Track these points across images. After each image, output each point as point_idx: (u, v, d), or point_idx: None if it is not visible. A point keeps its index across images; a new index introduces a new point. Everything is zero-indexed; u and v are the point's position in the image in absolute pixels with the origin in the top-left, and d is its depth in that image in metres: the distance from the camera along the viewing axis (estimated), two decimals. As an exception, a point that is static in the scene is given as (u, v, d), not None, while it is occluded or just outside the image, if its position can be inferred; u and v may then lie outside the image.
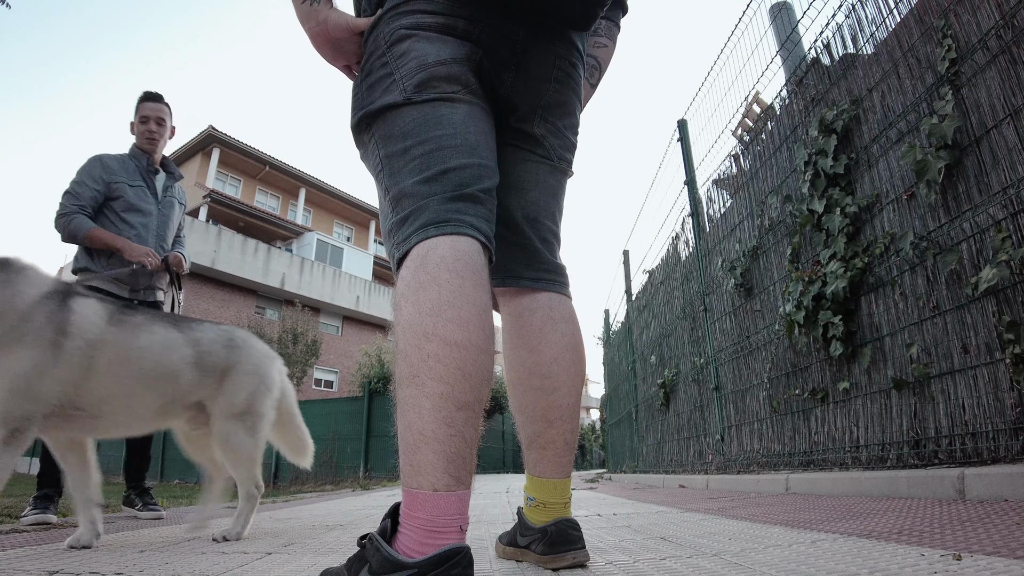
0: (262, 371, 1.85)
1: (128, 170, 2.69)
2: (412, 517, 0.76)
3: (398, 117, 0.94)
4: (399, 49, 0.95)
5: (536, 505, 1.09)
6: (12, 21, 65.69)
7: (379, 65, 0.97)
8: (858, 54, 2.75)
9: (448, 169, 0.90)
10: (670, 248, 5.65)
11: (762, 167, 3.60)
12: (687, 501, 2.69)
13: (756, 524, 1.55)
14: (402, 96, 0.93)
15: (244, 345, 1.85)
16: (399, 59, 0.94)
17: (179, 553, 1.44)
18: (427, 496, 0.76)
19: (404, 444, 0.79)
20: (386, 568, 0.74)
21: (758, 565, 0.95)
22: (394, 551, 0.75)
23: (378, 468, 10.03)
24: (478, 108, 0.97)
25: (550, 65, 1.05)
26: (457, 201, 0.89)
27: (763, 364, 3.50)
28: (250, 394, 1.78)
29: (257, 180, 22.57)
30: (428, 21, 0.94)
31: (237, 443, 1.73)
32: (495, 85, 1.01)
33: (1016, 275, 1.82)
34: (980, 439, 1.95)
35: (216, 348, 1.77)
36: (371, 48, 0.99)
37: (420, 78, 0.93)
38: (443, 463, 0.76)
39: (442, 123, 0.92)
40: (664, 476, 5.10)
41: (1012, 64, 1.89)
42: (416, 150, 0.91)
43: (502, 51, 0.99)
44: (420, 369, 0.78)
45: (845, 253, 2.67)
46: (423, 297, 0.80)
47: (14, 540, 1.78)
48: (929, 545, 1.01)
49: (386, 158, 0.94)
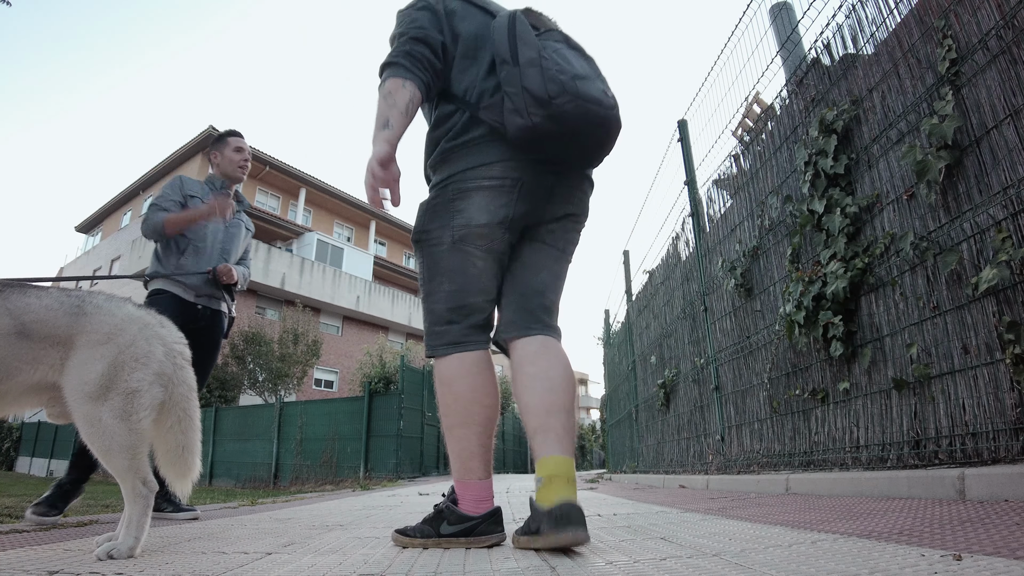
0: (124, 339, 1.44)
1: (204, 193, 2.87)
2: (466, 495, 1.39)
3: (442, 253, 1.43)
4: (459, 205, 1.41)
5: (544, 484, 1.26)
6: (12, 19, 65.72)
7: (443, 204, 1.43)
8: (858, 54, 2.75)
9: (466, 304, 1.44)
10: (670, 248, 5.65)
11: (762, 167, 3.60)
12: (687, 501, 2.69)
13: (756, 524, 1.55)
14: (450, 239, 1.42)
15: (97, 310, 1.47)
16: (456, 213, 1.41)
17: (179, 553, 1.44)
18: (475, 482, 1.40)
19: (461, 456, 1.40)
20: (461, 520, 1.37)
21: (758, 565, 0.95)
22: (461, 511, 1.38)
23: (378, 468, 10.02)
24: (493, 258, 1.45)
25: (570, 193, 1.52)
26: (474, 329, 1.45)
27: (763, 364, 3.50)
28: (109, 366, 1.40)
29: (257, 180, 22.57)
30: (486, 184, 1.40)
31: (102, 430, 1.37)
32: (527, 214, 1.45)
33: (1016, 275, 1.81)
34: (980, 439, 1.95)
35: (52, 315, 1.42)
36: (440, 191, 1.44)
37: (462, 234, 1.41)
38: (482, 465, 1.42)
39: (467, 271, 1.43)
40: (664, 476, 5.10)
41: (1012, 64, 1.89)
42: (447, 287, 1.44)
43: (537, 192, 1.44)
44: (469, 419, 1.41)
45: (845, 253, 2.67)
46: (468, 383, 1.41)
47: (14, 540, 1.78)
48: (929, 545, 1.01)
49: (427, 280, 1.47)
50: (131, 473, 1.40)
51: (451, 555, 1.27)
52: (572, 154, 1.43)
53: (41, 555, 1.42)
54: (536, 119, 1.30)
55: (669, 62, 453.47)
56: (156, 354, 1.49)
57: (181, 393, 1.53)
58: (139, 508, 1.40)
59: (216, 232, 2.82)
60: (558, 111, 1.30)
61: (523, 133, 1.32)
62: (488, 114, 1.39)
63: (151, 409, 1.44)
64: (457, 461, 1.42)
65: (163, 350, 1.51)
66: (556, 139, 1.35)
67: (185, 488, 1.56)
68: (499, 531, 1.39)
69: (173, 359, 1.53)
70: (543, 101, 1.29)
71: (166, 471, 1.54)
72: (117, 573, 1.15)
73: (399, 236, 27.85)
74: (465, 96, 1.44)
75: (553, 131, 1.32)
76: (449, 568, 1.10)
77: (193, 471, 1.56)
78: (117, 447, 1.38)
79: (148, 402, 1.43)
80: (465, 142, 1.42)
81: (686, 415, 5.07)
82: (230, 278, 2.75)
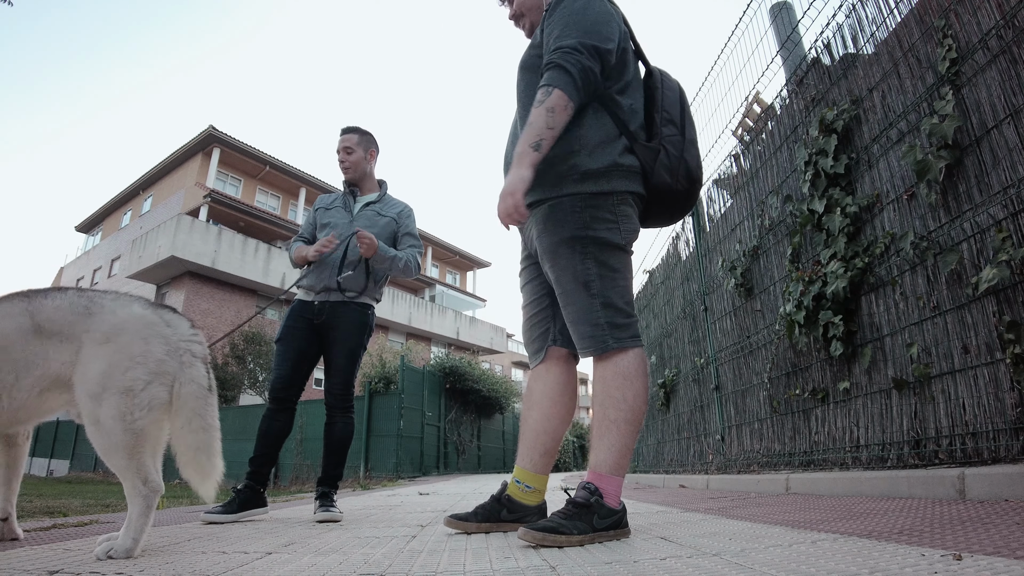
0: (123, 338, 1.45)
1: (332, 198, 2.90)
2: (611, 489, 1.43)
3: (614, 255, 1.51)
4: (623, 211, 1.52)
5: (533, 491, 1.65)
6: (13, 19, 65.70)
7: (606, 211, 1.49)
8: (858, 54, 2.75)
9: (630, 301, 1.54)
10: (670, 248, 5.65)
11: (762, 167, 3.59)
12: (687, 501, 2.69)
13: (756, 524, 1.55)
14: (623, 241, 1.52)
15: (101, 310, 1.49)
16: (623, 219, 1.52)
17: (179, 553, 1.44)
18: (621, 479, 1.46)
19: (621, 451, 1.45)
20: (609, 514, 1.40)
21: (759, 565, 0.95)
22: (608, 504, 1.41)
23: (378, 468, 10.01)
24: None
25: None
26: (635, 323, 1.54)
27: (763, 364, 3.50)
28: (107, 365, 1.41)
29: (257, 180, 22.57)
30: (631, 208, 1.54)
31: (100, 429, 1.39)
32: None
33: (1016, 275, 1.81)
34: (980, 439, 1.95)
35: (62, 314, 1.46)
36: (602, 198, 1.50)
37: (632, 238, 1.54)
38: (628, 463, 1.50)
39: (628, 270, 1.55)
40: (664, 476, 5.10)
41: (1012, 64, 1.89)
42: (621, 282, 1.52)
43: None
44: (637, 416, 1.48)
45: (845, 253, 2.67)
46: (644, 381, 1.50)
47: (14, 540, 1.77)
48: (929, 545, 1.01)
49: (600, 276, 1.49)
50: (130, 472, 1.39)
51: (451, 554, 1.27)
52: (665, 216, 1.67)
53: (41, 555, 1.42)
54: (679, 187, 1.56)
55: (669, 62, 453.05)
56: (154, 353, 1.46)
57: (190, 392, 1.48)
58: (138, 507, 1.39)
59: (339, 230, 2.67)
60: (694, 190, 1.61)
61: (664, 188, 1.55)
62: (643, 152, 1.53)
63: (149, 408, 1.42)
64: (613, 455, 1.44)
65: (164, 348, 1.48)
66: (673, 202, 1.59)
67: (207, 491, 1.52)
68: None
69: (179, 357, 1.50)
70: (693, 179, 1.59)
71: (186, 473, 1.52)
72: (117, 573, 1.15)
73: (399, 236, 27.81)
74: (626, 121, 1.54)
75: (680, 199, 1.59)
76: (449, 567, 1.10)
77: (213, 473, 1.53)
78: (114, 446, 1.38)
79: (145, 401, 1.41)
80: (629, 168, 1.52)
81: (686, 415, 5.07)
82: (364, 244, 2.51)
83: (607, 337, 1.48)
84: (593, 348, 1.50)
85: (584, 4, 1.50)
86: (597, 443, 1.47)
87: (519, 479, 1.66)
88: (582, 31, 1.45)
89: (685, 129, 1.59)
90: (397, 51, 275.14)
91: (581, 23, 1.46)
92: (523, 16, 1.76)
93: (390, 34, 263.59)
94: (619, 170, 1.50)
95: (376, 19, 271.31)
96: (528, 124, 1.41)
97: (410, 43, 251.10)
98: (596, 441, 1.47)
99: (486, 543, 1.43)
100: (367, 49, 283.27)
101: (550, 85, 1.41)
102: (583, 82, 1.43)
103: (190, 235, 17.69)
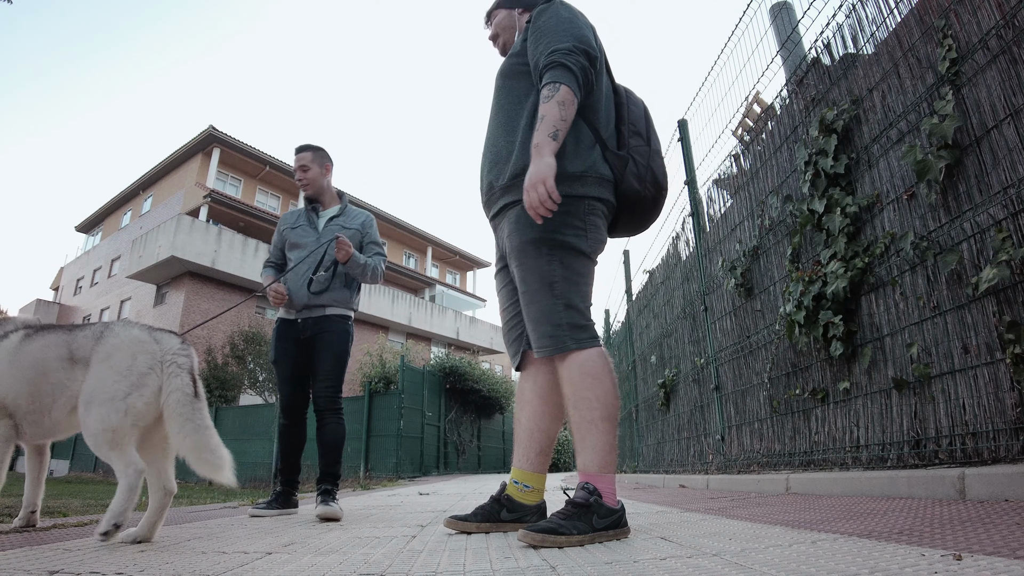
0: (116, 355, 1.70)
1: (295, 216, 3.03)
2: (606, 488, 1.45)
3: (579, 260, 1.57)
4: (592, 221, 1.58)
5: (532, 491, 1.68)
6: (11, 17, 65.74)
7: (576, 217, 1.55)
8: (858, 54, 2.75)
9: (590, 305, 1.59)
10: (670, 248, 5.65)
11: (762, 167, 3.59)
12: (687, 501, 2.69)
13: (756, 524, 1.55)
14: (588, 249, 1.58)
15: (110, 334, 1.76)
16: (591, 228, 1.58)
17: (179, 552, 1.44)
18: (612, 476, 1.48)
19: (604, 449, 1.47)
20: (609, 514, 1.42)
21: (759, 565, 0.95)
22: (606, 504, 1.43)
23: (378, 468, 10.02)
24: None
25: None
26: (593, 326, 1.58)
27: (763, 364, 3.50)
28: (98, 380, 1.67)
29: (257, 180, 22.58)
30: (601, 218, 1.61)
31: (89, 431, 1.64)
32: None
33: (1016, 275, 1.81)
34: (980, 439, 1.95)
35: (85, 341, 1.75)
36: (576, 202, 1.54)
37: (598, 248, 1.62)
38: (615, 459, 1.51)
39: (591, 277, 1.61)
40: (664, 476, 5.10)
41: (1012, 64, 1.88)
42: (584, 287, 1.58)
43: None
44: (612, 413, 1.51)
45: (845, 253, 2.67)
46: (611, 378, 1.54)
47: (14, 540, 1.78)
48: (929, 545, 1.01)
49: (564, 278, 1.55)
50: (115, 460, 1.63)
51: (451, 554, 1.27)
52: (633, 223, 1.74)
53: (41, 555, 1.42)
54: (647, 193, 1.66)
55: (669, 62, 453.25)
56: (137, 367, 1.69)
57: (175, 399, 1.68)
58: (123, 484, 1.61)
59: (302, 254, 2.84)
60: (660, 196, 1.71)
61: (632, 194, 1.64)
62: (614, 160, 1.62)
63: (126, 413, 1.64)
64: (598, 455, 1.47)
65: (149, 362, 1.71)
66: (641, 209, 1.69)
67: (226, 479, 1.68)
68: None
69: (165, 369, 1.72)
70: (660, 186, 1.69)
71: (200, 472, 1.69)
72: (118, 573, 1.15)
73: (399, 236, 27.85)
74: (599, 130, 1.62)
75: (647, 205, 1.68)
76: (449, 567, 1.10)
77: (222, 464, 1.69)
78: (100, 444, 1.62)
79: (123, 408, 1.64)
80: (602, 176, 1.59)
81: (686, 415, 5.07)
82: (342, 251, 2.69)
83: (566, 338, 1.52)
84: (551, 347, 1.53)
85: (571, 15, 1.61)
86: (581, 445, 1.49)
87: (517, 479, 1.69)
88: (574, 37, 1.54)
89: (651, 140, 1.70)
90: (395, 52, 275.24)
91: (571, 30, 1.56)
92: (499, 36, 1.92)
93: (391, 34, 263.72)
94: (594, 176, 1.57)
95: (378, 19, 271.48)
96: (541, 118, 1.47)
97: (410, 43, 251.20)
98: (579, 444, 1.50)
99: (486, 543, 1.43)
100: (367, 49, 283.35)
101: (556, 82, 1.47)
102: (583, 80, 1.51)
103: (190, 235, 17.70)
